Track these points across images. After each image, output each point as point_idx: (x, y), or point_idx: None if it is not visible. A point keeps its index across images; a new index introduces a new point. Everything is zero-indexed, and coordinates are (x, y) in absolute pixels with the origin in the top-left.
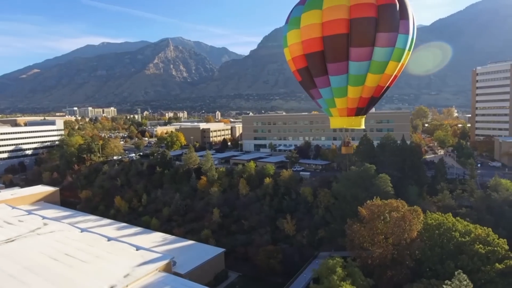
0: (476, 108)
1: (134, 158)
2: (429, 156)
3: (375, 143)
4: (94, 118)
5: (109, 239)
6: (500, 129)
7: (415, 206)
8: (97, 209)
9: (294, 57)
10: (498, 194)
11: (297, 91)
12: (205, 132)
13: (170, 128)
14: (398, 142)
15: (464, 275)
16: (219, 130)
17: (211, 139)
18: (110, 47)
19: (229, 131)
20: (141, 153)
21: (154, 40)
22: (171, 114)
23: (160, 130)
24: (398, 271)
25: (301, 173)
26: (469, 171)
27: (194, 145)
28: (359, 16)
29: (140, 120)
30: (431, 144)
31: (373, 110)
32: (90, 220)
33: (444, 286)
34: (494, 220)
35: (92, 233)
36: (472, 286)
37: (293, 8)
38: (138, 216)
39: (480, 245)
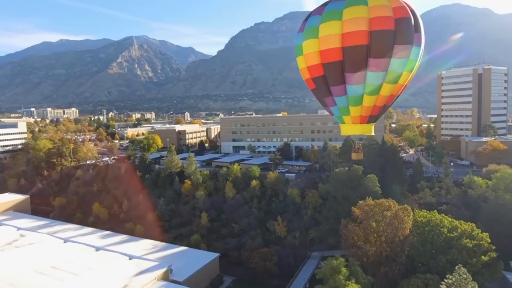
0: (442, 109)
1: (109, 162)
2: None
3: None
4: (55, 119)
5: (97, 248)
6: (463, 129)
7: (405, 205)
8: (74, 217)
9: (310, 66)
10: (473, 190)
11: (265, 91)
12: (181, 134)
13: (141, 130)
14: (379, 142)
15: (464, 269)
16: (195, 132)
17: (187, 141)
18: (69, 45)
19: (205, 133)
20: (116, 157)
21: (117, 38)
22: (138, 115)
23: (131, 132)
24: (392, 268)
25: (286, 174)
26: (444, 169)
27: (170, 148)
28: (379, 29)
29: (105, 121)
30: (401, 144)
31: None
32: (69, 229)
33: (445, 280)
34: (471, 215)
35: (77, 243)
36: (471, 278)
37: (308, 17)
38: (120, 223)
39: (468, 240)
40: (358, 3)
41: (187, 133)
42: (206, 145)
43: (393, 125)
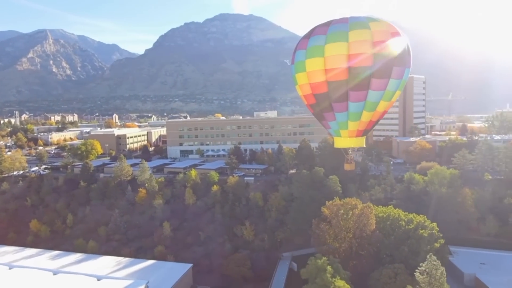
0: None
1: (42, 172)
2: None
3: (297, 145)
4: None
5: (54, 272)
6: (392, 131)
7: (368, 203)
8: (6, 238)
9: (312, 83)
10: (415, 186)
11: (197, 93)
12: (121, 138)
13: (68, 134)
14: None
15: (434, 257)
16: (135, 136)
17: (127, 146)
18: None
19: (145, 137)
20: (48, 166)
21: (27, 31)
22: (58, 118)
23: (56, 137)
24: (361, 261)
25: (245, 178)
26: (386, 167)
27: (110, 154)
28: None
29: (18, 124)
30: None
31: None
32: (7, 253)
33: (419, 268)
34: (415, 208)
35: (26, 268)
36: (440, 264)
37: (296, 51)
38: (66, 240)
39: (423, 230)
40: (361, 27)
41: (128, 138)
42: (151, 149)
43: None
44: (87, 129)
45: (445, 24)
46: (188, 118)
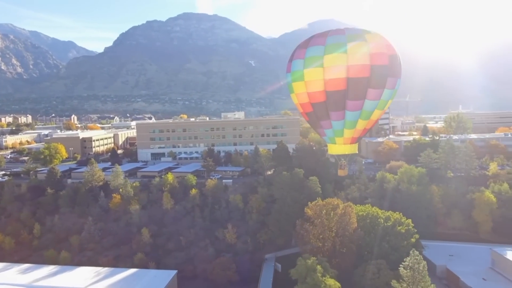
0: None
1: (1, 179)
2: None
3: (270, 146)
4: None
5: None
6: None
7: (349, 202)
8: None
9: (310, 92)
10: (387, 184)
11: (161, 93)
12: (86, 141)
13: (24, 137)
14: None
15: (416, 252)
16: (101, 139)
17: (93, 149)
18: None
19: (112, 140)
20: (8, 172)
21: None
22: (9, 119)
23: (11, 140)
24: (344, 259)
25: (223, 180)
26: (358, 167)
27: (74, 158)
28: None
29: None
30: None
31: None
32: None
33: (403, 263)
34: (388, 206)
35: None
36: (422, 258)
37: (292, 60)
38: (34, 251)
39: (400, 227)
40: (358, 39)
41: (93, 141)
42: (119, 152)
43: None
44: (46, 132)
45: (400, 26)
46: (153, 119)
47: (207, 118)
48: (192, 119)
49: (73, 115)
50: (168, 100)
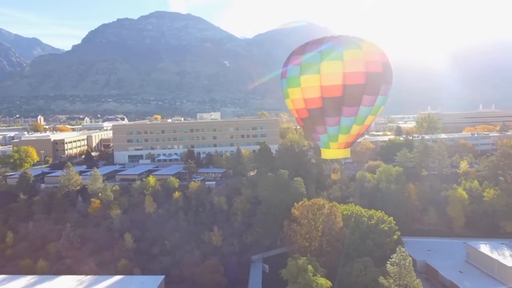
0: None
1: None
2: None
3: (250, 147)
4: None
5: None
6: None
7: (334, 202)
8: None
9: (307, 98)
10: (368, 183)
11: (133, 93)
12: (58, 144)
13: None
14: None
15: (403, 249)
16: (74, 141)
17: (66, 152)
18: None
19: (85, 142)
20: None
21: None
22: None
23: None
24: (331, 257)
25: (206, 182)
26: (339, 167)
27: (46, 161)
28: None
29: None
30: None
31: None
32: None
33: (390, 260)
34: (369, 204)
35: None
36: (408, 254)
37: (287, 65)
38: (8, 261)
39: (383, 224)
40: (354, 47)
41: (66, 143)
42: (94, 155)
43: None
44: (11, 134)
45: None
46: (126, 120)
47: (182, 119)
48: (169, 120)
49: (39, 116)
50: (141, 100)
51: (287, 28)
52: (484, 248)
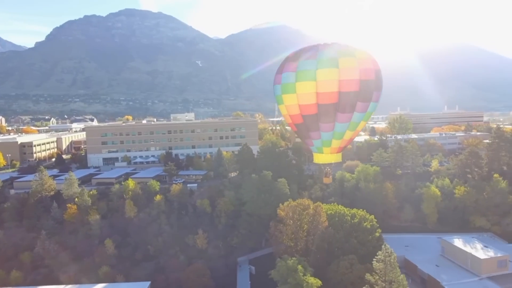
0: None
1: None
2: None
3: (229, 149)
4: None
5: None
6: None
7: (318, 202)
8: None
9: (302, 105)
10: (348, 183)
11: (101, 93)
12: (25, 147)
13: None
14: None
15: (388, 246)
16: (43, 144)
17: (34, 155)
18: None
19: (55, 144)
20: None
21: None
22: None
23: None
24: (316, 256)
25: (188, 185)
26: (318, 167)
27: (13, 165)
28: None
29: None
30: None
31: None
32: None
33: (376, 257)
34: (349, 203)
35: None
36: (392, 250)
37: (282, 72)
38: None
39: (366, 223)
40: (348, 55)
41: (34, 146)
42: (65, 157)
43: None
44: None
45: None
46: (95, 120)
47: (155, 120)
48: (144, 121)
49: (0, 117)
50: (110, 101)
51: (260, 28)
52: (458, 242)
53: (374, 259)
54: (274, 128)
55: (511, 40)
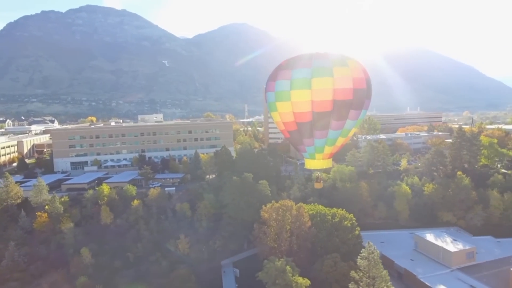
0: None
1: None
2: None
3: (204, 151)
4: None
5: None
6: None
7: (300, 203)
8: None
9: (297, 112)
10: (325, 183)
11: (61, 93)
12: None
13: None
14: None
15: (371, 243)
16: (2, 148)
17: None
18: None
19: (15, 148)
20: None
21: None
22: None
23: None
24: (300, 256)
25: (166, 189)
26: (294, 168)
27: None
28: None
29: None
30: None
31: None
32: None
33: (361, 254)
34: (328, 203)
35: None
36: (375, 248)
37: (276, 80)
38: None
39: (346, 222)
40: (341, 64)
41: None
42: (28, 162)
43: None
44: None
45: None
46: (56, 122)
47: (121, 121)
48: (113, 123)
49: None
50: (71, 101)
51: (227, 29)
52: (430, 236)
53: (358, 257)
54: (246, 129)
55: (464, 45)
